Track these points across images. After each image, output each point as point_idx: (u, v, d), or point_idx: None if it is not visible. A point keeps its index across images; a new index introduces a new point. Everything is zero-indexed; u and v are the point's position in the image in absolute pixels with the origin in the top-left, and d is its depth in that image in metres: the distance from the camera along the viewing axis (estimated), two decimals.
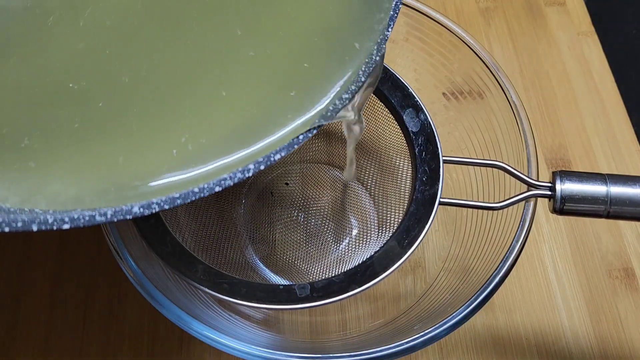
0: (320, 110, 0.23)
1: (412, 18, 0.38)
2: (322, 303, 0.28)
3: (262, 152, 0.22)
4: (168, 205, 0.21)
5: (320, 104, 0.23)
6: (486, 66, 0.35)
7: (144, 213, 0.21)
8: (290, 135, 0.23)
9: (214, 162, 0.22)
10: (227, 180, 0.22)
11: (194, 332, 0.27)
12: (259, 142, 0.23)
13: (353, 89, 0.23)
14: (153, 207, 0.21)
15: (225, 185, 0.22)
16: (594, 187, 0.29)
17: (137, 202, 0.21)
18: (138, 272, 0.28)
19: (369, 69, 0.24)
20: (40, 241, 0.41)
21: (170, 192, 0.21)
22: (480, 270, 0.32)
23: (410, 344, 0.28)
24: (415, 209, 0.30)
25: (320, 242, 0.35)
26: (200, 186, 0.21)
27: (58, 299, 0.39)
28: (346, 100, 0.23)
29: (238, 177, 0.22)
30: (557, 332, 0.39)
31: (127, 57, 0.24)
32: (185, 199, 0.21)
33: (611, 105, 0.48)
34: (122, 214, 0.20)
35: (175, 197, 0.21)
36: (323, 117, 0.23)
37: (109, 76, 0.24)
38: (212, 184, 0.21)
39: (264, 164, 0.22)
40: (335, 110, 0.23)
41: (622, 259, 0.42)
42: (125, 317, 0.39)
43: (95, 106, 0.23)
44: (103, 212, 0.20)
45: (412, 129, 0.33)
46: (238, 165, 0.22)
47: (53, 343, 0.38)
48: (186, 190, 0.21)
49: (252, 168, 0.22)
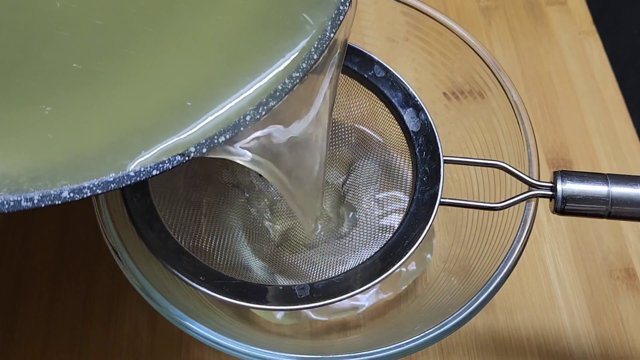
0: (267, 88, 0.21)
1: (412, 17, 0.38)
2: (322, 304, 0.28)
3: (205, 134, 0.21)
4: (101, 189, 0.20)
5: (267, 81, 0.21)
6: (487, 66, 0.35)
7: (75, 198, 0.19)
8: (235, 115, 0.21)
9: (153, 144, 0.21)
10: (166, 163, 0.20)
11: (193, 334, 0.27)
12: (201, 120, 0.21)
13: (304, 67, 0.22)
14: (84, 192, 0.19)
15: (163, 169, 0.20)
16: (595, 187, 0.29)
17: (67, 186, 0.19)
18: (137, 273, 0.28)
19: (322, 46, 0.22)
20: (39, 240, 0.41)
21: (104, 176, 0.20)
22: (481, 270, 0.32)
23: (411, 345, 0.28)
24: (415, 209, 0.30)
25: (320, 242, 0.35)
26: (137, 170, 0.20)
27: (57, 298, 0.39)
28: (296, 79, 0.22)
29: (177, 160, 0.20)
30: (558, 333, 0.39)
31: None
32: (120, 183, 0.20)
33: (612, 105, 0.48)
34: (50, 199, 0.19)
35: (109, 181, 0.20)
36: (271, 96, 0.21)
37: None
38: (149, 168, 0.20)
39: (206, 146, 0.21)
40: (285, 90, 0.21)
41: (623, 259, 0.41)
42: (125, 317, 0.38)
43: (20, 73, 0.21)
44: (29, 197, 0.19)
45: (412, 129, 0.32)
46: (179, 148, 0.21)
47: (52, 343, 0.38)
48: (121, 174, 0.20)
49: (193, 151, 0.21)
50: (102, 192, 0.20)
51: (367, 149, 0.37)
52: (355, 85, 0.34)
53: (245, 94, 0.21)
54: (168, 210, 0.31)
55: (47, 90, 0.21)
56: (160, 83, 0.22)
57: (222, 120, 0.21)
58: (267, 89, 0.22)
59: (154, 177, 0.21)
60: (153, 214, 0.29)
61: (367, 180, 0.36)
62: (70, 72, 0.21)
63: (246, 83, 0.22)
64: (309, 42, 0.22)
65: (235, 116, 0.21)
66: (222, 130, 0.21)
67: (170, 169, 0.21)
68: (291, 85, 0.22)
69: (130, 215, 0.29)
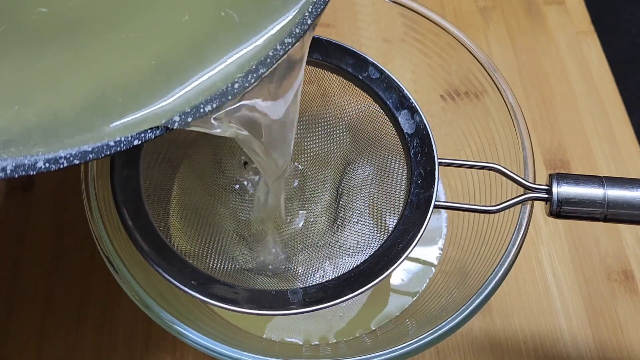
0: (256, 54, 0.20)
1: (409, 19, 0.37)
2: (315, 309, 0.27)
3: (190, 102, 0.20)
4: (79, 160, 0.18)
5: (257, 46, 0.20)
6: (483, 67, 0.35)
7: (50, 168, 0.18)
8: (223, 82, 0.20)
9: (133, 108, 0.19)
10: (148, 132, 0.19)
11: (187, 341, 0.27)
12: (186, 85, 0.20)
13: (297, 33, 0.21)
14: (61, 162, 0.18)
15: (145, 139, 0.19)
16: (590, 190, 0.28)
17: (42, 155, 0.18)
18: (129, 279, 0.28)
19: (316, 11, 0.21)
20: (34, 243, 0.41)
21: (82, 144, 0.18)
22: (476, 273, 0.32)
23: (405, 350, 0.28)
24: (410, 213, 0.30)
25: (313, 246, 0.35)
26: (117, 139, 0.19)
27: (51, 301, 0.39)
28: (289, 45, 0.20)
29: (162, 130, 0.19)
30: (555, 336, 0.39)
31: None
32: (99, 154, 0.19)
33: (611, 106, 0.47)
34: (25, 169, 0.18)
35: (87, 151, 0.19)
36: (261, 63, 0.20)
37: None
38: (130, 137, 0.19)
39: (192, 115, 0.19)
40: (276, 56, 0.20)
41: (621, 262, 0.41)
42: (119, 320, 0.38)
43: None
44: (2, 165, 0.18)
45: (407, 131, 0.32)
46: (161, 117, 0.19)
47: (46, 346, 0.38)
48: (100, 143, 0.19)
49: (178, 120, 0.19)
50: (80, 162, 0.18)
51: (361, 151, 0.37)
52: (350, 87, 0.34)
53: (234, 59, 0.20)
54: (160, 214, 0.31)
55: (16, 41, 0.20)
56: (142, 40, 0.20)
57: (208, 86, 0.20)
58: (257, 54, 0.20)
59: (135, 148, 0.19)
60: (145, 217, 0.29)
61: (361, 183, 0.35)
62: (41, 20, 0.20)
63: (234, 47, 0.20)
64: (303, 6, 0.21)
65: (223, 83, 0.20)
66: (208, 98, 0.20)
67: (153, 138, 0.19)
68: (283, 52, 0.20)
69: (122, 218, 0.29)
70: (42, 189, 0.42)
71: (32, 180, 0.43)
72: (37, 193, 0.42)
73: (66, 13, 0.20)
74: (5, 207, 0.42)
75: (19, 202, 0.42)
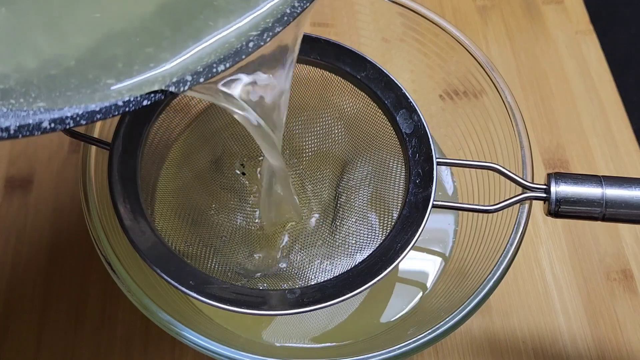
0: (273, 11, 0.19)
1: (408, 18, 0.37)
2: (313, 308, 0.27)
3: (202, 60, 0.18)
4: (85, 120, 0.17)
5: (275, 3, 0.19)
6: (482, 67, 0.35)
7: (56, 129, 0.17)
8: (237, 40, 0.19)
9: (142, 63, 0.18)
10: (159, 93, 0.18)
11: (186, 341, 0.27)
12: (197, 43, 0.18)
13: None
14: (67, 122, 0.17)
15: (155, 99, 0.18)
16: (589, 189, 0.28)
17: (47, 115, 0.17)
18: (128, 280, 0.28)
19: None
20: (33, 243, 0.41)
21: (88, 102, 0.18)
22: (475, 273, 0.32)
23: (404, 349, 0.28)
24: (408, 212, 0.30)
25: (311, 246, 0.35)
26: (125, 99, 0.18)
27: (50, 302, 0.39)
28: (307, 2, 0.19)
29: (172, 89, 0.18)
30: (554, 335, 0.39)
31: None
32: (107, 114, 0.18)
33: (609, 105, 0.47)
34: (29, 130, 0.17)
35: (95, 111, 0.18)
36: (278, 20, 0.19)
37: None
38: (139, 97, 0.18)
39: (204, 75, 0.18)
40: (293, 13, 0.19)
41: (620, 261, 0.41)
42: (117, 320, 0.38)
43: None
44: (5, 125, 0.16)
45: (405, 131, 0.32)
46: (172, 75, 0.18)
47: (44, 348, 0.37)
48: (108, 103, 0.18)
49: (190, 80, 0.18)
50: (87, 122, 0.17)
51: (360, 150, 0.37)
52: (348, 87, 0.34)
53: (249, 16, 0.19)
54: (158, 214, 0.31)
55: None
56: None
57: (221, 44, 0.19)
58: (274, 12, 0.19)
59: (143, 108, 0.18)
60: (143, 218, 0.29)
61: (359, 183, 0.35)
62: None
63: (250, 4, 0.19)
64: None
65: (237, 42, 0.19)
66: (222, 57, 0.19)
67: (163, 98, 0.18)
68: (300, 9, 0.19)
69: (120, 218, 0.29)
70: (41, 189, 0.42)
71: (31, 180, 0.43)
72: (36, 193, 0.42)
73: None
74: (4, 207, 0.42)
75: (18, 202, 0.42)
